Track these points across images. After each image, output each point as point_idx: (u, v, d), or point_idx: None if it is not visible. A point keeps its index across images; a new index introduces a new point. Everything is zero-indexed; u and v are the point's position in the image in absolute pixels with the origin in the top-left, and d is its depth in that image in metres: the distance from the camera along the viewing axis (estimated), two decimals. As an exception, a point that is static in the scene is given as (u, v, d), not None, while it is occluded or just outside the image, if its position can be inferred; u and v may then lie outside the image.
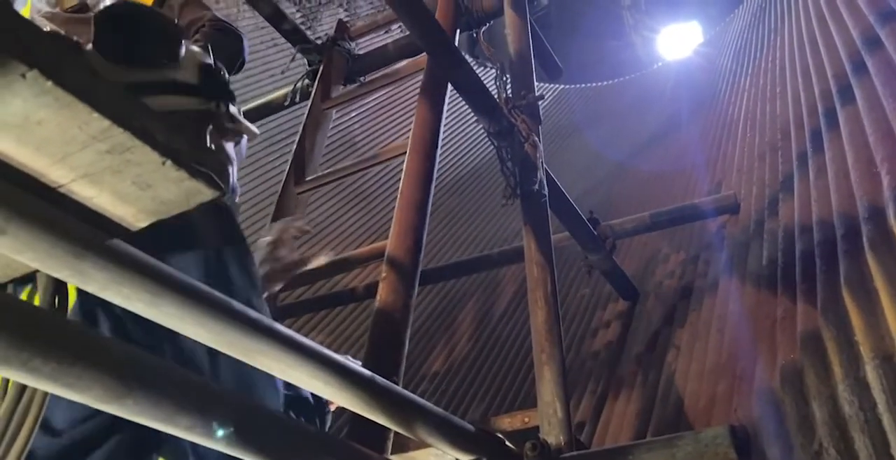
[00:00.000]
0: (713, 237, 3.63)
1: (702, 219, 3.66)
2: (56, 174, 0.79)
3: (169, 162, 0.80)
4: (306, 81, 3.04)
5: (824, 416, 1.58)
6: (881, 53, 2.70)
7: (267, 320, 1.06)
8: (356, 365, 1.25)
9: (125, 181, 0.81)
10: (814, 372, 1.65)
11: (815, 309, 1.83)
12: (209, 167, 0.85)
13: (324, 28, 5.51)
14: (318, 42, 3.13)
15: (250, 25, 4.76)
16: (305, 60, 3.10)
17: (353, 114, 5.51)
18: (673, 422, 2.45)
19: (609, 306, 4.11)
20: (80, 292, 1.09)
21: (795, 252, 2.29)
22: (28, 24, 0.67)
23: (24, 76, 0.67)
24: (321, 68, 2.90)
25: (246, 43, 1.74)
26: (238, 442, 0.94)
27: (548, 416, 1.85)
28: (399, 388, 1.35)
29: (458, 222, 6.12)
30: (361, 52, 3.20)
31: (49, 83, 0.68)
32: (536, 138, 2.32)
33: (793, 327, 1.90)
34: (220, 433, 0.90)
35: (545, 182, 2.25)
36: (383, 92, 4.85)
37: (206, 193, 0.86)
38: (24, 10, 1.97)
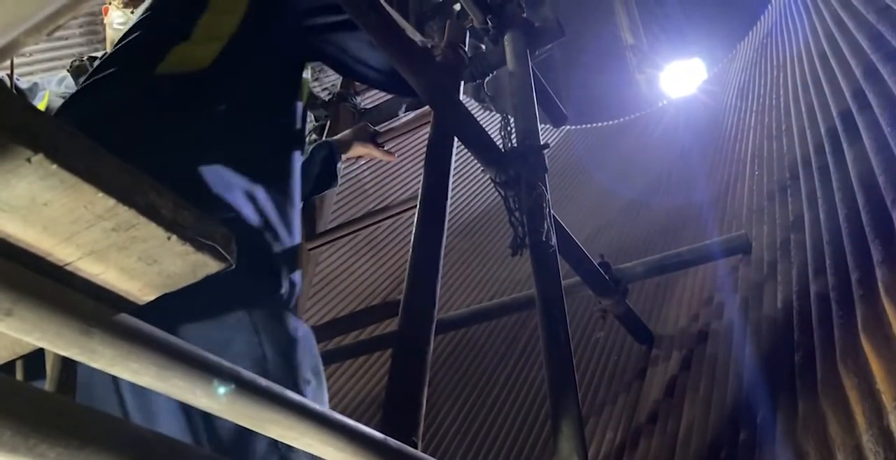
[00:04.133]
0: (726, 278, 3.60)
1: (714, 260, 3.63)
2: (63, 253, 0.79)
3: (174, 237, 0.80)
4: (314, 137, 3.07)
5: (850, 467, 1.54)
6: (885, 92, 2.71)
7: (276, 387, 1.05)
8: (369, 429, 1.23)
9: (131, 257, 0.81)
10: (837, 422, 1.62)
11: (834, 355, 1.79)
12: (215, 240, 0.85)
13: (330, 79, 5.59)
14: (325, 97, 3.18)
15: (258, 79, 4.83)
16: (313, 116, 3.15)
17: (362, 161, 5.55)
18: (695, 473, 2.39)
19: (624, 350, 4.06)
20: None
21: (810, 294, 2.27)
22: (32, 110, 0.68)
23: (29, 160, 0.68)
24: (328, 124, 2.94)
25: None
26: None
27: (566, 471, 1.80)
28: (413, 450, 1.32)
29: (471, 265, 6.10)
30: (368, 104, 3.24)
31: (54, 166, 0.69)
32: (543, 187, 2.32)
33: (812, 374, 1.86)
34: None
35: (553, 231, 2.25)
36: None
37: (212, 265, 0.87)
38: (42, 103, 2.04)
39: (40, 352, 0.96)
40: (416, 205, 2.07)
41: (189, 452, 0.87)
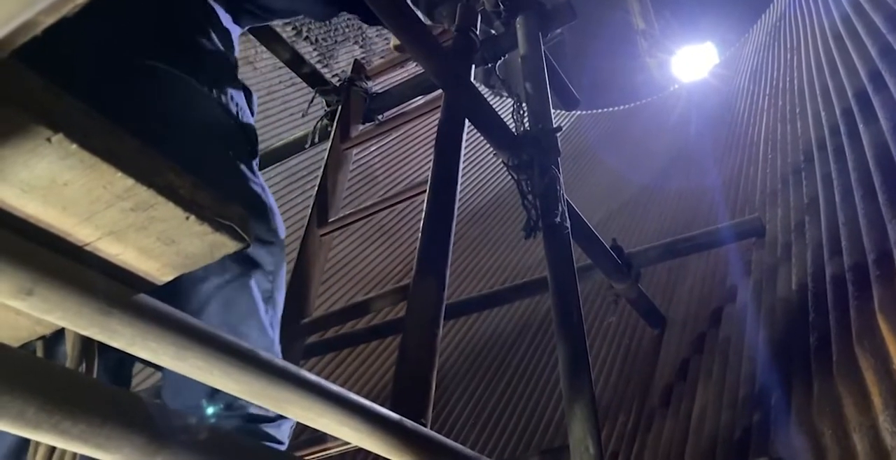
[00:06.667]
0: (739, 261, 3.58)
1: (727, 243, 3.61)
2: (82, 233, 0.80)
3: (192, 217, 0.81)
4: (325, 121, 3.07)
5: (865, 448, 1.54)
6: (901, 72, 2.69)
7: (293, 368, 1.06)
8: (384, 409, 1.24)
9: (150, 237, 0.82)
10: (852, 403, 1.61)
11: (850, 336, 1.79)
12: (232, 219, 0.85)
13: (340, 65, 5.58)
14: (336, 83, 3.17)
15: (268, 66, 4.84)
16: (324, 101, 3.15)
17: (373, 148, 5.55)
18: (708, 455, 2.39)
19: (637, 334, 4.06)
20: None
21: (826, 276, 2.26)
22: (52, 90, 0.68)
23: (49, 140, 0.68)
24: (339, 109, 2.93)
25: None
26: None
27: (580, 453, 1.81)
28: (428, 431, 1.33)
29: (481, 251, 6.11)
30: (379, 89, 3.23)
31: (74, 146, 0.69)
32: (556, 170, 2.31)
33: (827, 355, 1.86)
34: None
35: (566, 214, 2.24)
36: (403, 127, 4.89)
37: (229, 245, 0.87)
38: None
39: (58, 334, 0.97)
40: (426, 190, 2.07)
41: (202, 429, 0.88)
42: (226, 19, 1.87)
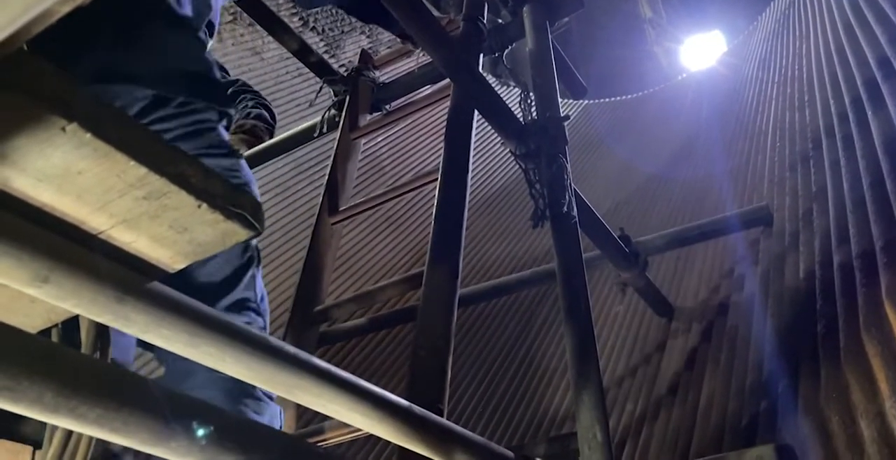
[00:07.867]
0: (747, 250, 3.58)
1: (735, 231, 3.61)
2: (96, 221, 0.81)
3: (204, 205, 0.81)
4: (333, 111, 3.08)
5: (872, 434, 1.54)
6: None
7: (304, 355, 1.07)
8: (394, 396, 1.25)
9: (162, 225, 0.83)
10: (860, 389, 1.62)
11: (858, 324, 1.79)
12: (244, 208, 0.86)
13: (347, 55, 5.58)
14: (343, 72, 3.18)
15: (275, 56, 4.84)
16: (331, 91, 3.15)
17: (380, 138, 5.55)
18: (715, 442, 2.40)
19: (644, 323, 4.07)
20: None
21: (834, 264, 2.26)
22: (66, 79, 0.69)
23: (64, 129, 0.69)
24: (347, 98, 2.94)
25: None
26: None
27: (588, 440, 1.82)
28: (437, 417, 1.35)
29: (489, 241, 6.11)
30: (386, 79, 3.24)
31: (88, 135, 0.70)
32: (564, 159, 2.32)
33: (835, 343, 1.86)
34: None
35: (574, 203, 2.25)
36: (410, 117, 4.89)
37: (241, 233, 0.88)
38: None
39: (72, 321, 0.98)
40: (436, 179, 2.08)
41: (216, 413, 0.89)
42: None
